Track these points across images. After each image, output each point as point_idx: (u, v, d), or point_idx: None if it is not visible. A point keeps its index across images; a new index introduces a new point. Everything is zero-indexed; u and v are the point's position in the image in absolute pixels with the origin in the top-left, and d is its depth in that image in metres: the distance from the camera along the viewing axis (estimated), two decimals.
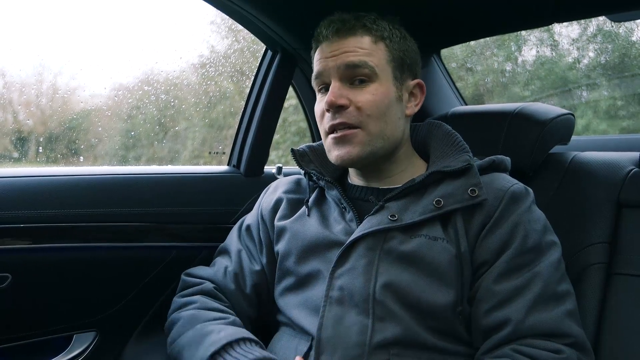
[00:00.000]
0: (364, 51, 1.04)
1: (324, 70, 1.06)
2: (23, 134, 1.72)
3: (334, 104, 1.03)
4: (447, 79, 1.81)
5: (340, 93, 1.03)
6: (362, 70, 1.04)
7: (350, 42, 1.05)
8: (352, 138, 1.03)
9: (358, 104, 1.03)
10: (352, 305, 0.97)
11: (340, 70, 1.04)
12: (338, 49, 1.05)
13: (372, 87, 1.04)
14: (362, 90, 1.04)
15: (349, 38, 1.05)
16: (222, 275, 1.18)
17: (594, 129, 2.28)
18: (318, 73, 1.08)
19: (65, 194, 1.28)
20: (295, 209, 1.17)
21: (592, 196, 1.17)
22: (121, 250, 1.34)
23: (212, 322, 1.05)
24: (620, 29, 2.09)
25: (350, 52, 1.04)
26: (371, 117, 1.03)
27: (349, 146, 1.04)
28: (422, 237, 0.99)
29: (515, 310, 0.92)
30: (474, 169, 1.03)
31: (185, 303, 1.13)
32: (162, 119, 2.04)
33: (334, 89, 1.04)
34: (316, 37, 1.10)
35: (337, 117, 1.03)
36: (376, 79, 1.05)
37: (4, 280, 1.19)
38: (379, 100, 1.04)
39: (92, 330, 1.33)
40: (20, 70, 1.64)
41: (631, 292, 1.05)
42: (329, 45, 1.07)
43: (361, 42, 1.05)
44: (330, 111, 1.04)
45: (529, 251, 0.97)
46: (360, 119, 1.03)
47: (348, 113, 1.03)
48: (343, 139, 1.04)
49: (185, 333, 1.04)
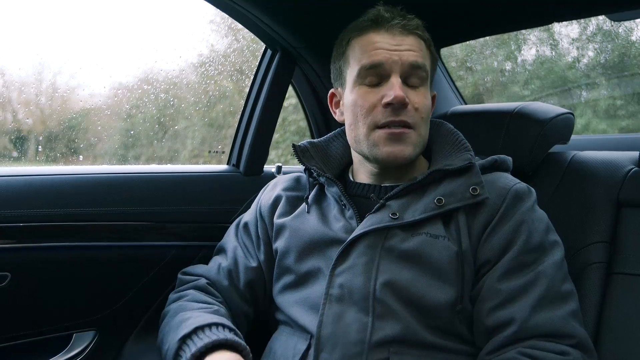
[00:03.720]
0: (422, 53, 1.06)
1: (387, 62, 1.03)
2: (22, 133, 1.72)
3: (403, 100, 1.01)
4: (446, 78, 1.81)
5: (403, 90, 1.03)
6: (420, 73, 1.05)
7: (412, 41, 1.05)
8: (408, 138, 1.03)
9: (416, 105, 1.03)
10: (352, 303, 0.97)
11: (403, 67, 1.03)
12: (401, 45, 1.04)
13: (423, 90, 1.06)
14: (417, 91, 1.05)
15: (411, 36, 1.05)
16: (215, 272, 1.18)
17: (594, 128, 2.28)
18: (377, 63, 1.03)
19: (65, 193, 1.28)
20: (294, 207, 1.17)
21: (591, 195, 1.17)
22: (121, 249, 1.34)
23: (194, 311, 1.06)
24: (619, 28, 2.09)
25: (414, 52, 1.04)
26: (424, 120, 1.05)
27: (402, 145, 1.03)
28: (424, 235, 0.99)
29: (520, 309, 0.92)
30: (476, 167, 1.03)
31: (177, 297, 1.15)
32: (161, 118, 2.04)
33: (399, 85, 1.02)
34: (368, 22, 1.06)
35: (399, 114, 1.02)
36: (425, 84, 1.06)
37: (4, 279, 1.19)
38: (428, 105, 1.07)
39: (92, 329, 1.33)
40: (20, 69, 1.64)
41: (630, 292, 1.05)
42: (391, 37, 1.04)
43: (420, 44, 1.06)
44: (392, 107, 1.02)
45: (533, 250, 0.97)
46: (416, 120, 1.04)
47: (407, 112, 1.03)
48: (399, 137, 1.03)
49: (170, 322, 1.06)
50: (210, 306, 1.10)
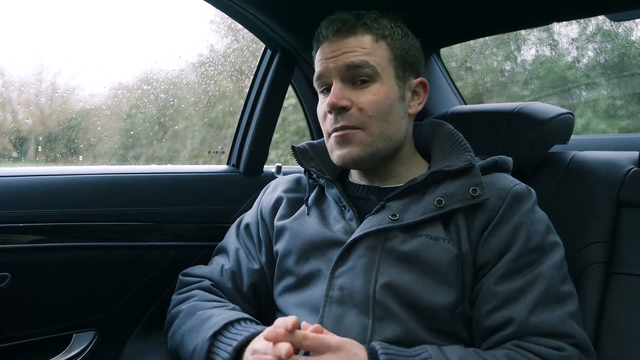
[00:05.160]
0: (365, 50, 1.03)
1: (325, 71, 1.05)
2: (22, 133, 1.72)
3: (336, 106, 1.02)
4: (446, 78, 1.81)
5: (341, 94, 1.02)
6: (363, 71, 1.03)
7: (351, 42, 1.04)
8: (353, 138, 1.03)
9: (360, 105, 1.02)
10: (352, 305, 0.97)
11: (341, 71, 1.03)
12: (338, 49, 1.04)
13: (373, 87, 1.03)
14: (363, 90, 1.03)
15: (349, 38, 1.04)
16: (218, 274, 1.18)
17: (594, 128, 2.28)
18: (319, 74, 1.07)
19: (65, 193, 1.28)
20: (294, 208, 1.17)
21: (591, 195, 1.17)
22: (120, 250, 1.33)
23: (213, 309, 1.06)
24: (619, 28, 2.09)
25: (351, 52, 1.03)
26: (373, 117, 1.02)
27: (349, 146, 1.03)
28: (423, 237, 0.98)
29: (518, 310, 0.92)
30: (476, 168, 1.03)
31: (185, 298, 1.14)
32: (161, 118, 2.04)
33: (335, 90, 1.03)
34: (316, 37, 1.09)
35: (339, 119, 1.03)
36: (378, 79, 1.04)
37: (4, 280, 1.19)
38: (381, 101, 1.03)
39: (92, 330, 1.33)
40: (20, 69, 1.64)
41: (630, 292, 1.05)
42: (329, 45, 1.06)
43: (362, 42, 1.04)
44: (333, 113, 1.03)
45: (532, 252, 0.96)
46: (362, 120, 1.02)
47: (350, 115, 1.02)
48: (344, 139, 1.03)
49: (186, 322, 1.06)
50: (226, 304, 1.10)
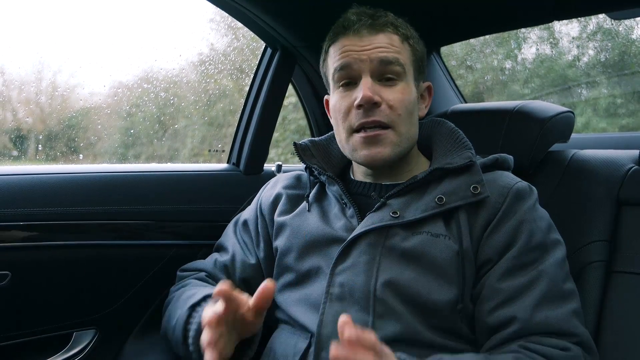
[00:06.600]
0: (395, 49, 1.03)
1: (354, 63, 1.03)
2: (22, 131, 1.72)
3: (371, 100, 1.00)
4: (446, 76, 1.81)
5: (374, 89, 1.01)
6: (394, 68, 1.02)
7: (382, 39, 1.03)
8: (384, 138, 1.02)
9: (390, 102, 1.01)
10: (353, 302, 0.97)
11: (373, 65, 1.02)
12: (370, 44, 1.03)
13: (400, 86, 1.03)
14: (392, 88, 1.03)
15: (380, 34, 1.04)
16: (211, 266, 1.20)
17: (594, 126, 2.28)
18: (344, 64, 1.04)
19: (65, 192, 1.28)
20: (295, 205, 1.17)
21: (591, 194, 1.17)
22: (121, 248, 1.34)
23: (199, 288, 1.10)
24: (620, 26, 2.09)
25: (384, 48, 1.02)
26: (401, 117, 1.02)
27: (380, 147, 1.02)
28: (424, 234, 0.98)
29: (521, 308, 0.92)
30: (477, 166, 1.03)
31: (179, 287, 1.18)
32: (161, 117, 2.04)
33: (368, 84, 1.01)
34: (338, 29, 1.07)
35: (370, 114, 1.01)
36: (404, 78, 1.04)
37: (4, 278, 1.19)
38: (407, 100, 1.03)
39: (92, 328, 1.33)
40: (20, 67, 1.64)
41: (631, 290, 1.05)
42: (358, 38, 1.04)
43: (392, 40, 1.04)
44: (362, 108, 1.01)
45: (534, 249, 0.96)
46: (392, 118, 1.02)
47: (381, 111, 1.01)
48: (375, 139, 1.02)
49: (174, 304, 1.10)
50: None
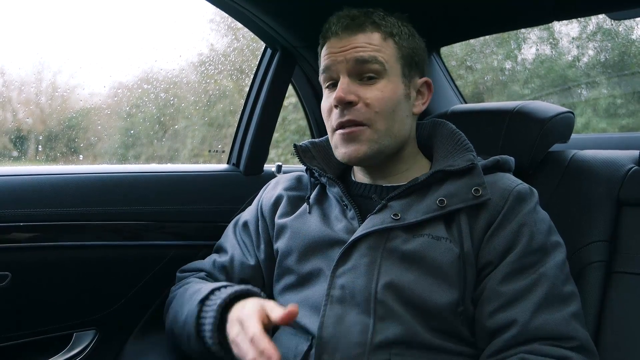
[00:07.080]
0: (374, 47, 1.04)
1: (332, 65, 1.05)
2: (22, 132, 1.72)
3: (343, 100, 1.01)
4: (446, 77, 1.80)
5: (349, 89, 1.02)
6: (371, 66, 1.03)
7: (360, 38, 1.04)
8: (360, 135, 1.02)
9: (367, 101, 1.02)
10: (354, 305, 0.96)
11: (349, 65, 1.03)
12: (347, 45, 1.04)
13: (381, 84, 1.03)
14: (371, 86, 1.03)
15: (359, 34, 1.04)
16: (210, 266, 1.20)
17: (594, 127, 2.28)
18: (326, 67, 1.06)
19: (65, 192, 1.28)
20: (295, 207, 1.16)
21: (592, 194, 1.16)
22: (121, 249, 1.34)
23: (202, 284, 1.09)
24: (620, 27, 2.09)
25: (360, 48, 1.03)
26: (379, 114, 1.02)
27: (356, 144, 1.03)
28: (425, 236, 0.98)
29: (521, 311, 0.91)
30: (478, 168, 1.03)
31: (180, 286, 1.17)
32: (161, 118, 2.04)
33: (343, 84, 1.02)
34: (324, 33, 1.09)
35: (346, 113, 1.02)
36: (385, 76, 1.04)
37: (4, 279, 1.19)
38: (388, 98, 1.03)
39: (92, 329, 1.33)
40: (20, 68, 1.64)
41: (631, 291, 1.05)
42: (338, 40, 1.05)
43: (371, 38, 1.04)
44: (339, 107, 1.03)
45: (535, 252, 0.96)
46: (368, 116, 1.02)
47: (356, 110, 1.02)
48: (351, 136, 1.03)
49: (179, 300, 1.09)
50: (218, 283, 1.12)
